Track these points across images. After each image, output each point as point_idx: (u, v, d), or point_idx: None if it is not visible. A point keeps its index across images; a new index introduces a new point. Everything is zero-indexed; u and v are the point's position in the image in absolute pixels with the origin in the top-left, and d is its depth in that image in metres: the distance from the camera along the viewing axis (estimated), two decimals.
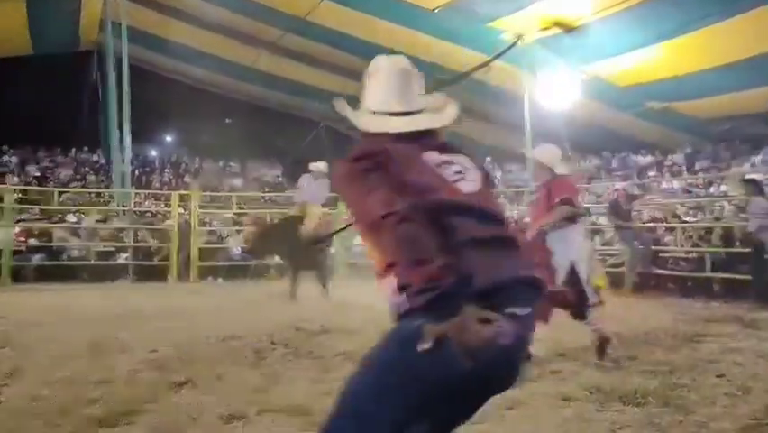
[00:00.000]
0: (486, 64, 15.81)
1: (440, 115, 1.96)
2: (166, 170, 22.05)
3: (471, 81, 17.19)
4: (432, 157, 1.76)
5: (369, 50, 16.60)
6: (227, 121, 25.75)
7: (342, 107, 2.01)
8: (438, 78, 18.04)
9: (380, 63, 2.00)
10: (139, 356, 4.79)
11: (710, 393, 3.71)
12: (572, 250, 4.65)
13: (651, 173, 17.20)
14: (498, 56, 15.76)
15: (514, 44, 15.00)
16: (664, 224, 11.65)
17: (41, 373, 4.13)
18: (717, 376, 4.12)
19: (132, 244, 12.94)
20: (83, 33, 18.76)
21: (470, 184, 1.74)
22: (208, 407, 3.41)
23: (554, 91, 15.41)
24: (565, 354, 4.78)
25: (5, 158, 19.64)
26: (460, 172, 1.75)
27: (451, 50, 15.83)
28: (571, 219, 4.73)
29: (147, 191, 18.41)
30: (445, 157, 1.78)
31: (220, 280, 12.69)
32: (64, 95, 20.28)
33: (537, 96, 15.50)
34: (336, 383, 3.88)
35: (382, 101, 1.93)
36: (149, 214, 15.08)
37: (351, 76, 18.99)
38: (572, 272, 4.61)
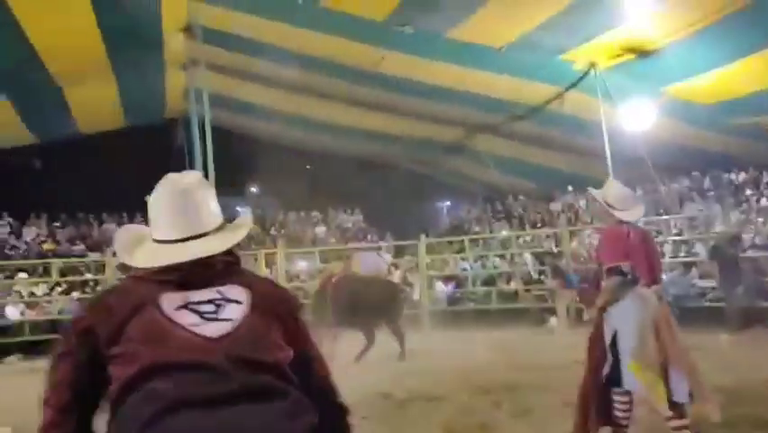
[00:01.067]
0: (559, 96, 15.57)
1: (232, 233, 1.72)
2: (253, 226, 22.73)
3: (546, 113, 16.96)
4: (171, 300, 1.53)
5: (437, 93, 16.81)
6: (307, 167, 26.42)
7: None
8: (512, 115, 17.99)
9: (160, 184, 1.80)
10: None
11: None
12: (621, 317, 3.77)
13: (748, 191, 16.25)
14: (571, 86, 15.52)
15: (586, 74, 14.74)
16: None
17: None
18: None
19: None
20: (168, 103, 19.84)
21: (215, 326, 1.49)
22: None
23: (633, 115, 14.98)
24: None
25: (105, 226, 20.84)
26: (211, 313, 1.51)
27: (522, 85, 15.67)
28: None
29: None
30: (197, 295, 1.54)
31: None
32: (153, 162, 21.33)
33: (616, 122, 15.09)
34: None
35: (157, 227, 1.74)
36: None
37: (422, 119, 19.18)
38: (612, 346, 3.76)
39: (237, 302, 1.56)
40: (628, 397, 3.77)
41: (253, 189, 27.53)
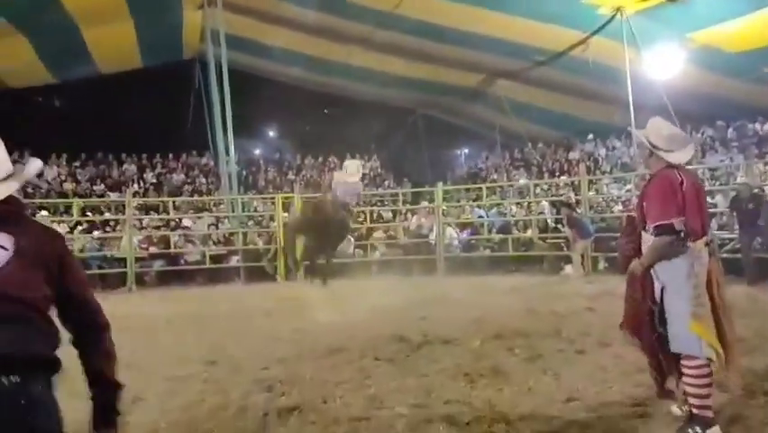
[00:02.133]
0: (583, 42, 15.23)
1: (5, 185, 1.91)
2: (269, 169, 22.78)
3: (570, 59, 16.61)
4: None
5: (459, 38, 16.47)
6: (324, 115, 26.24)
7: None
8: (534, 60, 17.63)
9: None
10: (250, 375, 5.01)
11: None
12: (669, 274, 3.41)
13: None
14: (596, 32, 15.15)
15: (612, 18, 14.38)
16: None
17: (159, 401, 4.39)
18: None
19: (241, 246, 13.51)
20: (186, 44, 19.67)
21: None
22: None
23: (658, 62, 14.65)
24: None
25: (125, 166, 21.00)
26: None
27: (544, 29, 15.31)
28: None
29: (253, 196, 19.03)
30: None
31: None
32: (172, 103, 21.38)
33: (640, 69, 14.77)
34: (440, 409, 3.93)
35: None
36: (256, 216, 15.63)
37: (443, 63, 18.86)
38: (660, 303, 3.44)
39: (3, 248, 1.83)
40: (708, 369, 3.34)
41: (270, 133, 27.49)
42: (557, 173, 19.40)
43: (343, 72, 20.29)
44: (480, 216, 14.58)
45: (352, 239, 13.66)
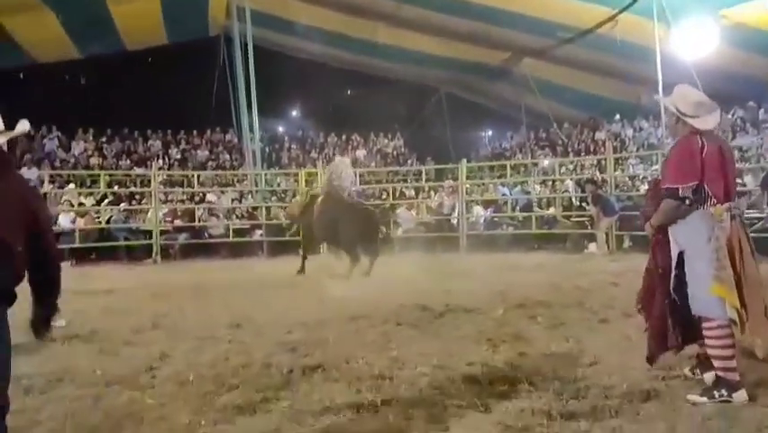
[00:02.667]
0: (612, 19, 14.99)
1: None
2: (293, 146, 22.85)
3: (598, 37, 16.37)
4: None
5: (486, 14, 16.29)
6: (348, 93, 26.20)
7: None
8: (561, 38, 17.39)
9: None
10: (274, 338, 5.07)
11: None
12: (689, 238, 3.43)
13: None
14: (625, 8, 14.89)
15: None
16: None
17: (186, 358, 4.48)
18: None
19: (264, 221, 13.61)
20: (211, 20, 19.69)
21: None
22: (339, 394, 3.55)
23: (690, 40, 14.35)
24: None
25: (150, 142, 21.20)
26: None
27: (573, 7, 15.10)
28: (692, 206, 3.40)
29: (277, 171, 19.12)
30: None
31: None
32: (197, 79, 21.48)
33: (670, 48, 14.49)
34: (462, 369, 3.95)
35: None
36: (279, 192, 15.73)
37: (468, 40, 18.68)
38: (679, 267, 3.46)
39: None
40: (728, 330, 3.35)
41: (294, 111, 27.53)
42: (583, 153, 19.20)
43: (368, 49, 20.20)
44: (504, 194, 14.51)
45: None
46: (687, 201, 3.37)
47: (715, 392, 3.30)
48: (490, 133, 27.93)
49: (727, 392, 3.27)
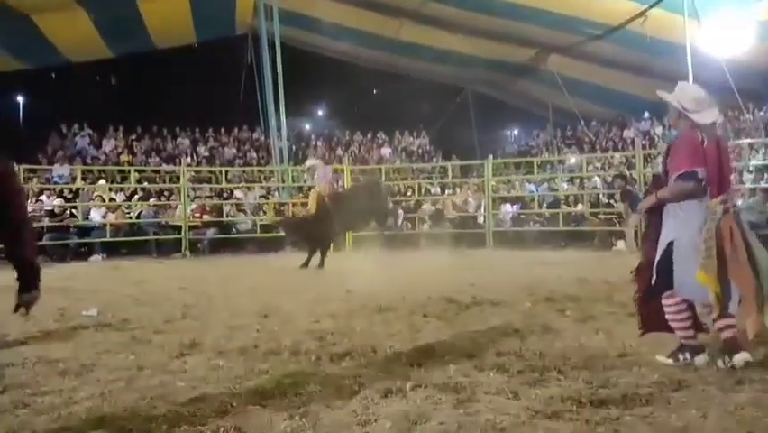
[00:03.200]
0: (641, 14, 14.81)
1: None
2: (319, 144, 22.97)
3: (626, 34, 16.20)
4: None
5: (512, 11, 16.20)
6: (374, 92, 26.26)
7: None
8: (589, 35, 17.23)
9: None
10: (302, 328, 5.12)
11: None
12: (682, 227, 3.68)
13: None
14: (654, 4, 14.71)
15: None
16: None
17: (216, 345, 4.54)
18: None
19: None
20: (238, 19, 19.89)
21: None
22: (367, 379, 3.58)
23: (721, 37, 14.12)
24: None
25: (179, 140, 21.47)
26: None
27: (601, 3, 14.94)
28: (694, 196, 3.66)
29: (303, 167, 19.21)
30: None
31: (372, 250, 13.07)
32: (224, 78, 21.74)
33: (702, 45, 14.28)
34: (491, 359, 3.95)
35: None
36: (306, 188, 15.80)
37: (493, 38, 18.60)
38: (666, 254, 3.71)
39: None
40: (684, 305, 3.79)
41: (320, 109, 27.68)
42: (610, 151, 19.01)
43: (393, 47, 20.22)
44: (531, 191, 14.43)
45: (401, 211, 13.79)
46: (704, 183, 3.61)
47: (680, 355, 3.78)
48: (516, 131, 27.79)
49: (690, 356, 3.76)
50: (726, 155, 3.89)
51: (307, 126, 25.95)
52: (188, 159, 19.57)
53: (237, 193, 15.08)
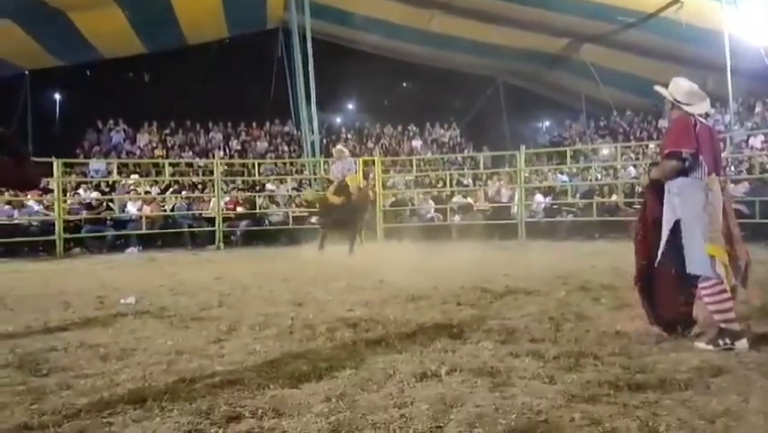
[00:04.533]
0: (676, 1, 14.51)
1: None
2: (349, 137, 23.03)
3: (661, 21, 15.89)
4: None
5: (544, 1, 16.00)
6: (404, 85, 26.20)
7: None
8: (622, 23, 16.93)
9: None
10: (336, 315, 5.15)
11: None
12: (687, 206, 3.89)
13: None
14: None
15: None
16: None
17: (252, 331, 4.60)
18: None
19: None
20: (269, 12, 20.02)
21: None
22: (402, 364, 3.59)
23: (760, 24, 13.77)
24: None
25: (212, 134, 21.74)
26: None
27: None
28: (685, 173, 3.92)
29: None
30: None
31: (404, 241, 13.07)
32: (256, 73, 21.91)
33: (740, 32, 13.94)
34: (526, 345, 3.93)
35: None
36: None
37: (525, 28, 18.40)
38: (675, 233, 3.95)
39: None
40: (722, 286, 3.82)
41: (350, 102, 27.72)
42: (645, 141, 18.70)
43: (424, 39, 20.15)
44: (564, 182, 14.28)
45: (432, 202, 13.80)
46: (687, 163, 3.89)
47: (719, 341, 3.76)
48: (548, 122, 27.48)
49: (731, 341, 3.74)
50: (718, 142, 4.28)
51: (338, 120, 26.04)
52: (221, 153, 19.81)
53: (269, 186, 15.22)
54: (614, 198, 13.22)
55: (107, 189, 14.18)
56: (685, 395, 2.95)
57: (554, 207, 13.59)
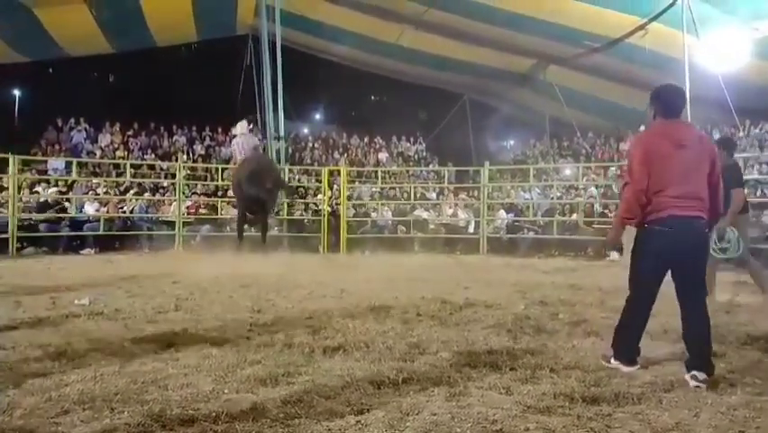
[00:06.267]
0: (641, 27, 14.87)
1: None
2: (316, 147, 22.97)
3: (625, 46, 16.26)
4: None
5: (512, 21, 16.25)
6: (372, 98, 26.29)
7: None
8: (588, 47, 17.28)
9: None
10: (295, 323, 5.11)
11: None
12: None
13: None
14: (655, 17, 14.78)
15: (673, 3, 13.98)
16: None
17: (208, 336, 4.53)
18: None
19: (286, 217, 13.69)
20: (240, 19, 19.87)
21: None
22: (360, 371, 3.58)
23: (719, 52, 14.20)
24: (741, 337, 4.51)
25: (175, 138, 21.43)
26: None
27: (601, 14, 15.00)
28: None
29: (300, 167, 19.26)
30: None
31: (367, 252, 13.08)
32: (223, 78, 21.71)
33: (700, 60, 14.34)
34: (481, 356, 3.95)
35: None
36: (302, 189, 15.82)
37: (493, 47, 18.64)
38: None
39: None
40: None
41: (318, 112, 27.69)
42: (606, 163, 19.09)
43: (393, 53, 20.22)
44: (526, 199, 14.47)
45: (390, 213, 13.83)
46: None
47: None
48: (513, 141, 27.84)
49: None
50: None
51: (305, 129, 25.96)
52: (184, 156, 19.53)
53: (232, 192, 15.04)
54: (574, 216, 13.44)
55: (65, 189, 13.85)
56: (638, 408, 3.00)
57: (516, 223, 13.74)
